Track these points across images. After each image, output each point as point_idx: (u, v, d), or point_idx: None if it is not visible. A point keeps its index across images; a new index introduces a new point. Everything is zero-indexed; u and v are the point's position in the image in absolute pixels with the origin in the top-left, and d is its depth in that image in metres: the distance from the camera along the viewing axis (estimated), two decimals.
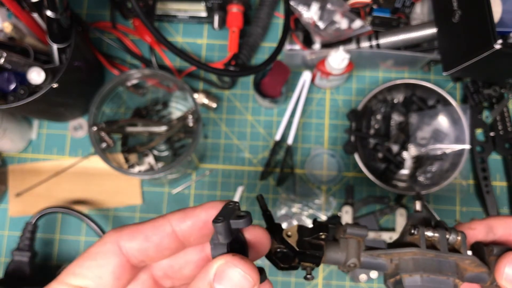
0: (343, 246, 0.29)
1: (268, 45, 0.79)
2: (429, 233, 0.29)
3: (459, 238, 0.29)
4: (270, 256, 0.29)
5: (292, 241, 0.29)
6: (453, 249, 0.29)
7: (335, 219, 0.70)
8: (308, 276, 0.30)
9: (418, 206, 0.32)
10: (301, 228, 0.30)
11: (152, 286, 0.30)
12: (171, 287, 0.31)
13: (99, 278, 0.27)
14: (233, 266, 0.24)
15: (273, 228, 0.30)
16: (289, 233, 0.29)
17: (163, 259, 0.29)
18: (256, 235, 0.27)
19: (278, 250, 0.29)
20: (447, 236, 0.29)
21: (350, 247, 0.29)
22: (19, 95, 0.61)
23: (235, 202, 0.27)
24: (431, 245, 0.29)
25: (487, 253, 0.30)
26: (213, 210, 0.28)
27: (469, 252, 0.29)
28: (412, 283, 0.28)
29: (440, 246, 0.28)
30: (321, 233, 0.30)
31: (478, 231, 0.31)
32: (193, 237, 0.28)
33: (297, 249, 0.29)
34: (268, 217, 0.30)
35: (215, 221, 0.25)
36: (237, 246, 0.26)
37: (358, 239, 0.30)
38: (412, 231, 0.29)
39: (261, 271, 0.25)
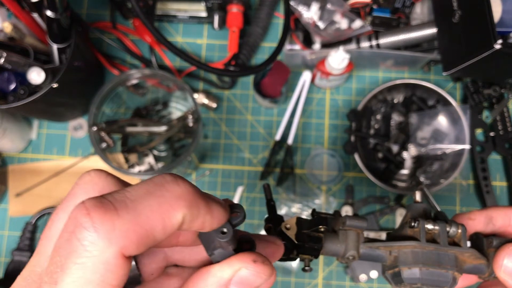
0: (342, 238, 0.29)
1: (268, 45, 0.79)
2: (429, 226, 0.29)
3: (459, 231, 0.29)
4: None
5: (291, 234, 0.29)
6: (453, 242, 0.29)
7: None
8: (306, 268, 0.30)
9: (418, 196, 0.32)
10: (300, 221, 0.30)
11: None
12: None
13: None
14: (257, 274, 0.23)
15: (275, 219, 0.30)
16: (288, 226, 0.29)
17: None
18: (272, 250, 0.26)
19: None
20: (447, 229, 0.29)
21: (349, 239, 0.29)
22: (19, 95, 0.61)
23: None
24: (431, 238, 0.29)
25: (486, 244, 0.30)
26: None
27: (468, 243, 0.29)
28: (410, 275, 0.28)
29: (440, 240, 0.28)
30: (320, 226, 0.30)
31: (478, 222, 0.31)
32: None
33: (296, 242, 0.29)
34: (271, 207, 0.30)
35: (222, 237, 0.23)
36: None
37: (357, 231, 0.30)
38: (412, 224, 0.29)
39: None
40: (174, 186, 0.21)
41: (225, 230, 0.24)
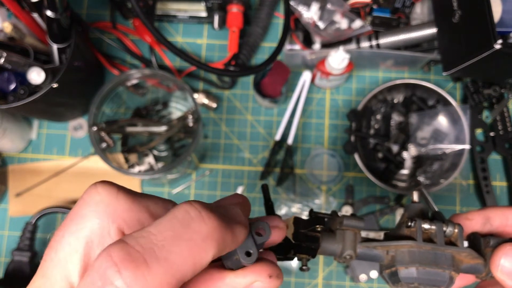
0: (339, 237, 0.30)
1: (268, 45, 0.79)
2: (426, 226, 0.29)
3: (456, 230, 0.29)
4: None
5: (288, 233, 0.29)
6: (450, 242, 0.29)
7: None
8: (304, 267, 0.30)
9: (415, 196, 0.32)
10: (297, 220, 0.30)
11: None
12: None
13: None
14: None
15: None
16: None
17: None
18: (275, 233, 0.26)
19: None
20: (444, 228, 0.29)
21: (346, 239, 0.29)
22: (19, 95, 0.61)
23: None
24: (428, 238, 0.29)
25: (483, 244, 0.30)
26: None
27: (466, 243, 0.29)
28: (407, 275, 0.28)
29: (436, 239, 0.28)
30: (317, 226, 0.30)
31: (475, 222, 0.31)
32: None
33: (293, 241, 0.29)
34: (269, 207, 0.30)
35: (246, 259, 0.23)
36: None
37: (354, 231, 0.30)
38: (409, 223, 0.29)
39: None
40: (201, 225, 0.20)
41: (250, 251, 0.23)
